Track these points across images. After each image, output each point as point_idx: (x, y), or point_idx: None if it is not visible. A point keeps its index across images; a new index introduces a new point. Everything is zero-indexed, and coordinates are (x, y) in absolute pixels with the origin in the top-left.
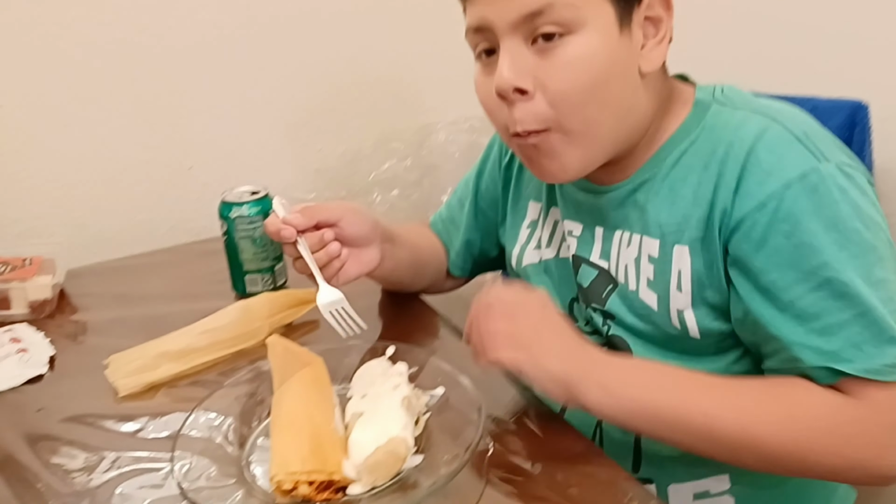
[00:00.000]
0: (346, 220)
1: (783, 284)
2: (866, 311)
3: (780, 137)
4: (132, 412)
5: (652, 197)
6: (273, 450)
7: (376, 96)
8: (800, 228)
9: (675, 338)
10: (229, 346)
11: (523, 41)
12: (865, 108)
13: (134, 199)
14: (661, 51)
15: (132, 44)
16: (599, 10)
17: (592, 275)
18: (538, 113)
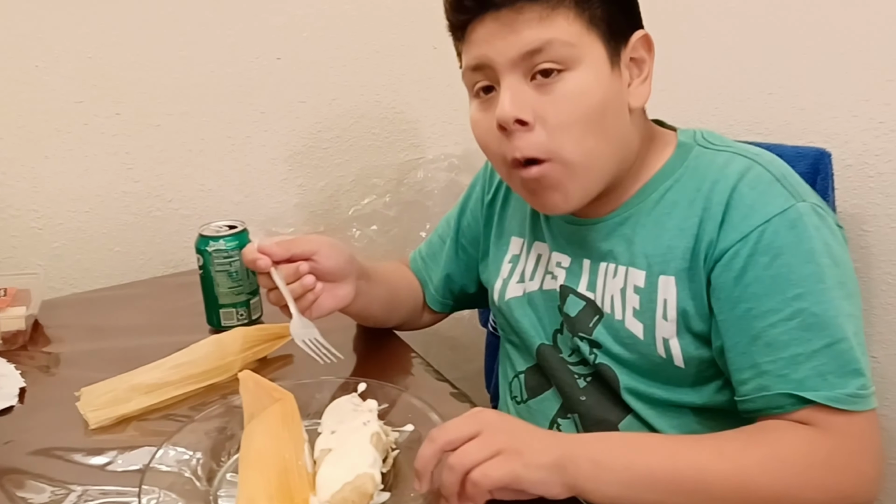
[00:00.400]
0: (322, 254)
1: (758, 313)
2: (834, 342)
3: (762, 177)
4: (102, 445)
5: (638, 230)
6: (240, 486)
7: (357, 134)
8: (778, 261)
9: (660, 366)
10: (201, 381)
11: (523, 77)
12: (828, 155)
13: (112, 230)
14: (645, 89)
15: (116, 79)
16: (592, 49)
17: (580, 305)
18: (539, 143)
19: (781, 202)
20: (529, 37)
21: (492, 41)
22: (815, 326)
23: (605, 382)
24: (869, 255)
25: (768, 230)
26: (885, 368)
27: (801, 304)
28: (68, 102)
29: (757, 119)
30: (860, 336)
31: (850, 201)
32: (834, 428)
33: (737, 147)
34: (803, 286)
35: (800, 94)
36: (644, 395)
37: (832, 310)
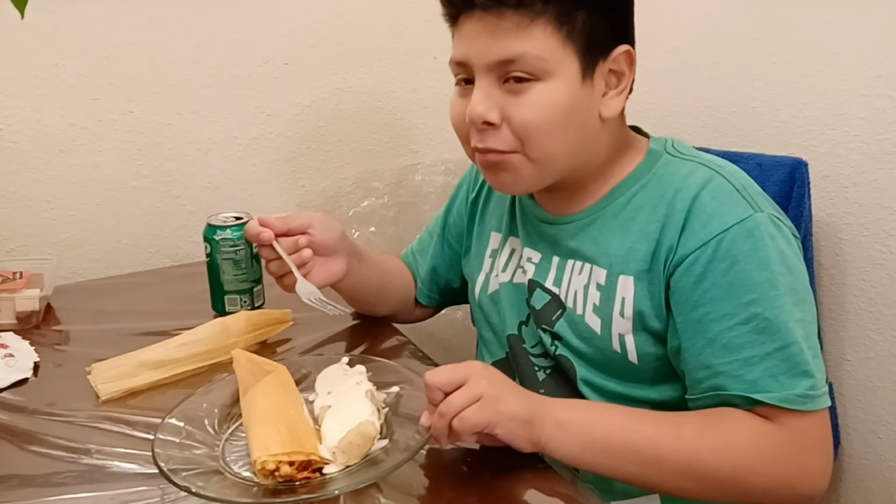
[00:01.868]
0: (316, 228)
1: (715, 316)
2: (785, 346)
3: (723, 187)
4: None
5: (604, 231)
6: (253, 438)
7: (359, 138)
8: (735, 268)
9: (615, 361)
10: (206, 359)
11: (496, 80)
12: (805, 164)
13: (121, 223)
14: (619, 101)
15: (130, 78)
16: (565, 62)
17: (545, 299)
18: (505, 141)
19: (740, 212)
20: (505, 47)
21: (474, 41)
22: (768, 330)
23: (564, 374)
24: (843, 261)
25: (726, 238)
26: (857, 370)
27: (756, 309)
28: (84, 99)
29: (741, 131)
30: (811, 340)
31: (826, 210)
32: (785, 424)
33: (702, 158)
34: (758, 292)
35: (780, 108)
36: (599, 387)
37: (783, 315)
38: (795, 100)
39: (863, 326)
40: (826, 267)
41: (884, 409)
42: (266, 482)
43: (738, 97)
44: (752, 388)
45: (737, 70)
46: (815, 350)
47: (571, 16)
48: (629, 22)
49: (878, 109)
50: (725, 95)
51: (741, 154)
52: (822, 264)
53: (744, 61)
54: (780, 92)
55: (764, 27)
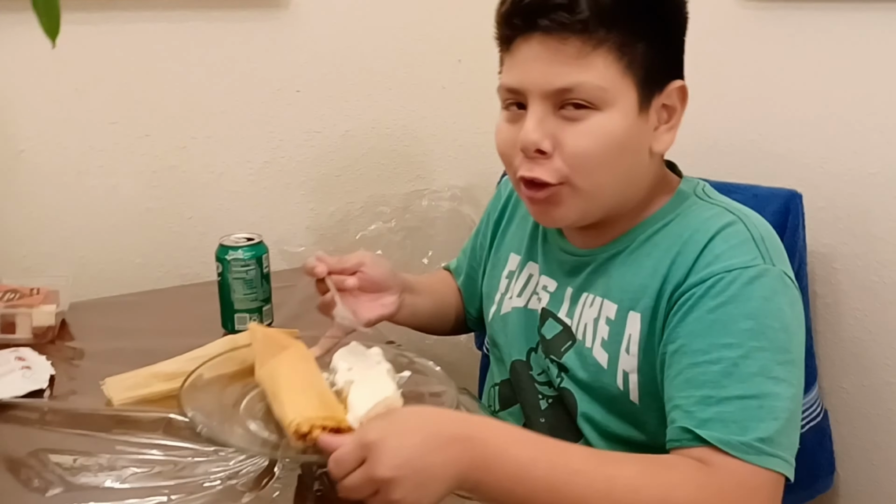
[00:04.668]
0: (368, 266)
1: (688, 350)
2: (746, 396)
3: (739, 233)
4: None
5: (619, 266)
6: (285, 403)
7: (368, 164)
8: (722, 308)
9: (616, 398)
10: None
11: (551, 107)
12: (799, 196)
13: (135, 243)
14: (671, 136)
15: (150, 103)
16: (624, 93)
17: (557, 329)
18: (555, 170)
19: (748, 259)
20: (566, 74)
21: (532, 66)
22: (734, 377)
23: (565, 407)
24: (838, 290)
25: (725, 279)
26: (853, 398)
27: (728, 353)
28: (103, 123)
29: (739, 163)
30: (793, 404)
31: (821, 240)
32: (726, 472)
33: (730, 205)
34: (737, 338)
35: (777, 141)
36: (598, 423)
37: (756, 367)
38: (791, 134)
39: (858, 354)
40: (821, 296)
41: (879, 437)
42: (296, 444)
43: (736, 130)
44: (699, 425)
45: (736, 104)
46: (792, 414)
47: (632, 46)
48: (681, 58)
49: (870, 144)
50: (725, 128)
51: (738, 185)
52: (818, 293)
53: (742, 95)
54: (777, 126)
55: (762, 64)
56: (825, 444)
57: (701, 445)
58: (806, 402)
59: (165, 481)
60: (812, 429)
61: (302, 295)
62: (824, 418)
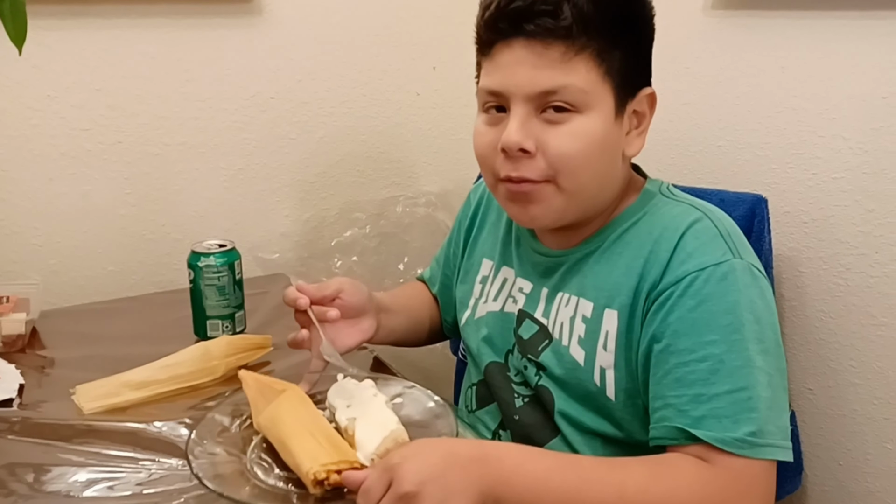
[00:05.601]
0: (346, 293)
1: (674, 350)
2: (735, 390)
3: (707, 230)
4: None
5: (593, 265)
6: (297, 452)
7: (342, 170)
8: (702, 307)
9: (593, 395)
10: (187, 381)
11: (533, 109)
12: (765, 201)
13: (107, 250)
14: (641, 140)
15: (120, 109)
16: (603, 97)
17: (534, 329)
18: (539, 169)
19: (718, 255)
20: (549, 77)
21: (515, 70)
22: (721, 372)
23: (541, 404)
24: (804, 293)
25: (700, 278)
26: (819, 399)
27: (713, 350)
28: (75, 129)
29: (707, 168)
30: (771, 390)
31: (787, 244)
32: (724, 467)
33: (694, 201)
34: (719, 333)
35: (743, 147)
36: (575, 420)
37: (740, 360)
38: (757, 139)
39: (823, 356)
40: (788, 299)
41: (844, 437)
42: (314, 491)
43: (704, 136)
44: (694, 424)
45: (703, 111)
46: (772, 401)
47: (610, 53)
48: (650, 66)
49: (833, 150)
50: (692, 134)
51: (706, 190)
52: (784, 296)
53: (709, 102)
54: (743, 132)
55: (729, 71)
56: (793, 444)
57: (697, 444)
58: None
59: (134, 495)
60: None
61: (275, 301)
62: (791, 419)
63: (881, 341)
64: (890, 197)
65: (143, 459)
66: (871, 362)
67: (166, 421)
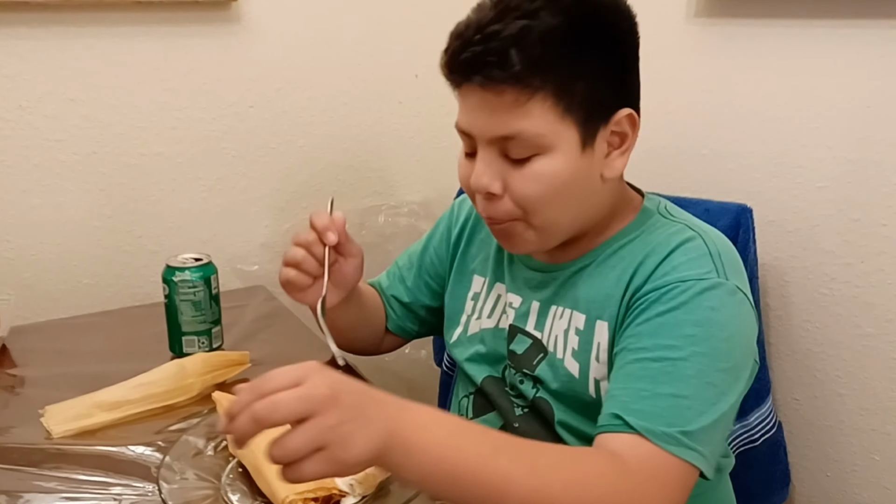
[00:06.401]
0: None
1: (633, 348)
2: (678, 396)
3: (697, 248)
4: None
5: (586, 278)
6: (272, 478)
7: (323, 180)
8: (671, 313)
9: (590, 405)
10: (161, 400)
11: (498, 152)
12: (749, 210)
13: (83, 263)
14: (622, 161)
15: (95, 119)
16: (564, 135)
17: (526, 343)
18: (507, 211)
19: (703, 271)
20: (503, 124)
21: (475, 115)
22: (670, 376)
23: (541, 415)
24: (790, 303)
25: (678, 287)
26: (805, 410)
27: (669, 354)
28: (48, 140)
29: (691, 177)
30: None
31: (772, 254)
32: (644, 461)
33: (692, 222)
34: (679, 342)
35: (728, 156)
36: (576, 430)
37: (693, 370)
38: (741, 148)
39: (809, 366)
40: (774, 308)
41: (831, 448)
42: None
43: (688, 145)
44: (627, 412)
45: (687, 119)
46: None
47: (570, 89)
48: (632, 84)
49: (817, 159)
50: (676, 143)
51: (690, 200)
52: (770, 305)
53: (693, 111)
54: (727, 141)
55: (713, 80)
56: (780, 456)
57: (626, 431)
58: (760, 414)
59: None
60: (766, 441)
61: (254, 314)
62: (778, 430)
63: (867, 351)
64: (875, 206)
65: (114, 485)
66: (858, 372)
67: (139, 444)
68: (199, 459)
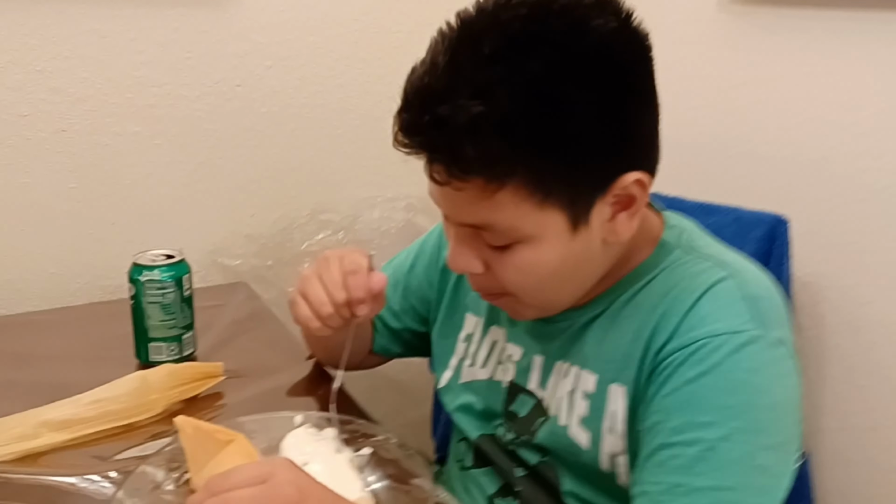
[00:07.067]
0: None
1: (662, 428)
2: (720, 488)
3: (728, 293)
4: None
5: (598, 331)
6: None
7: (316, 167)
8: (702, 379)
9: (606, 480)
10: (120, 419)
11: (472, 233)
12: (786, 222)
13: (49, 251)
14: (631, 225)
15: (65, 93)
16: (546, 223)
17: (530, 405)
18: (494, 286)
19: (736, 323)
20: (473, 213)
21: (438, 194)
22: (710, 462)
23: (544, 481)
24: (822, 324)
25: (708, 346)
26: (834, 441)
27: (705, 434)
28: (12, 115)
29: (720, 182)
30: (768, 495)
31: (805, 269)
32: None
33: (723, 257)
34: (716, 416)
35: (758, 159)
36: (587, 501)
37: (736, 453)
38: (776, 152)
39: (839, 395)
40: (805, 328)
41: (860, 484)
42: None
43: (715, 146)
44: None
45: (715, 118)
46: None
47: (548, 172)
48: (641, 136)
49: (861, 168)
50: (703, 142)
51: (718, 207)
52: (802, 325)
53: (722, 109)
54: (761, 143)
55: (746, 75)
56: (804, 491)
57: None
58: None
59: None
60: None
61: (233, 316)
62: (805, 463)
63: None
64: None
65: None
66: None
67: (90, 473)
68: (156, 496)
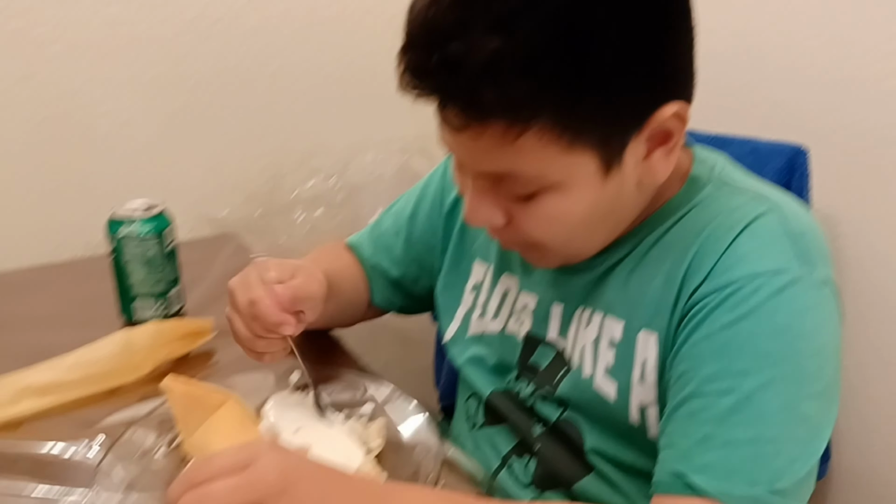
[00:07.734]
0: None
1: (693, 376)
2: (759, 440)
3: (771, 229)
4: None
5: (624, 273)
6: None
7: (303, 108)
8: (740, 324)
9: (634, 433)
10: (105, 382)
11: (493, 182)
12: (805, 153)
13: (25, 206)
14: (669, 162)
15: (30, 36)
16: (575, 167)
17: (551, 356)
18: (518, 238)
19: (780, 262)
20: (491, 162)
21: (454, 142)
22: (746, 413)
23: (566, 438)
24: (841, 257)
25: (747, 287)
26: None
27: (742, 383)
28: None
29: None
30: (810, 451)
31: (827, 201)
32: None
33: (762, 189)
34: (755, 363)
35: (775, 86)
36: (612, 457)
37: (776, 403)
38: (792, 77)
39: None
40: None
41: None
42: None
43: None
44: (695, 470)
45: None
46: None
47: (576, 115)
48: (676, 74)
49: (886, 91)
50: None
51: (733, 138)
52: None
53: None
54: (776, 69)
55: None
56: None
57: (694, 496)
58: None
59: None
60: None
61: (223, 269)
62: None
63: None
64: None
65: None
66: None
67: (73, 440)
68: (147, 461)
